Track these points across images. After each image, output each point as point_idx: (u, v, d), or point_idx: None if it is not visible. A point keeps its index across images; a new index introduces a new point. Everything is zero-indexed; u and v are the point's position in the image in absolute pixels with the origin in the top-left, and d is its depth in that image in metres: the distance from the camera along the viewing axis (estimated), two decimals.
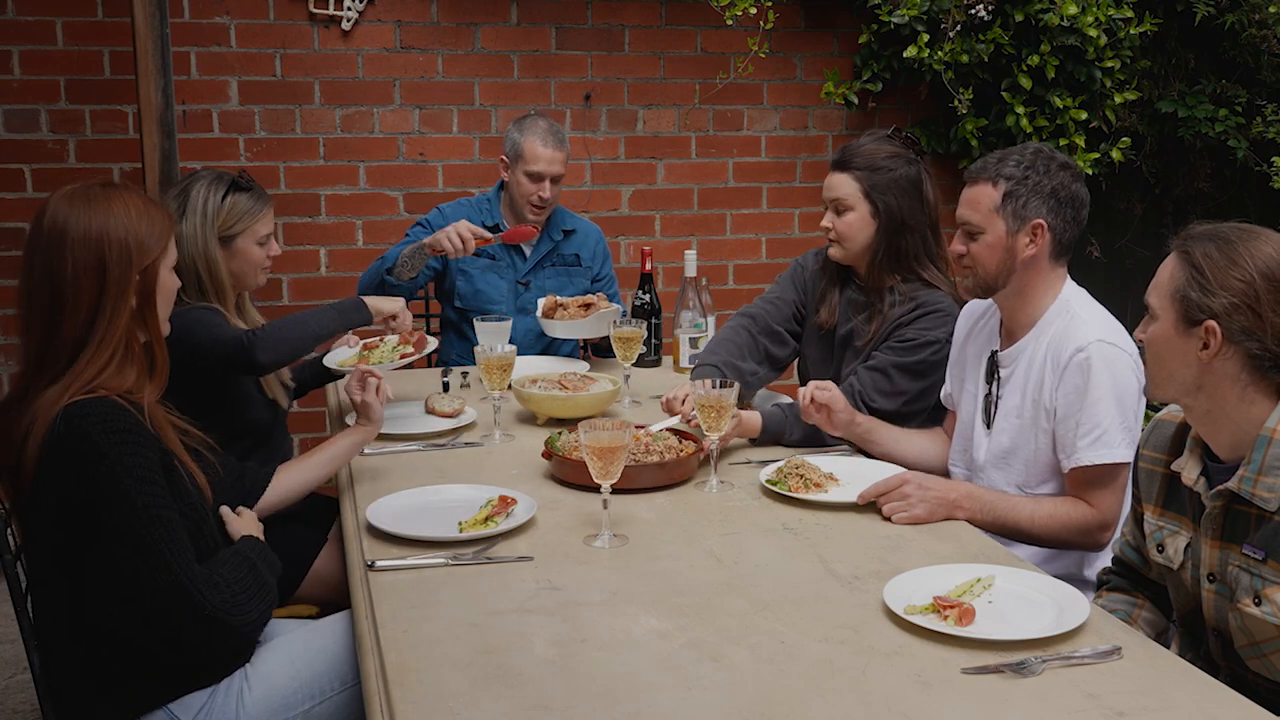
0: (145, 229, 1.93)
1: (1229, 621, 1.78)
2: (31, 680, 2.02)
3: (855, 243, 2.78)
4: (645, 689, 1.56)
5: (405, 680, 1.59)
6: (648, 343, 3.39)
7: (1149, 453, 1.98)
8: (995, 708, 1.52)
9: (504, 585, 1.90)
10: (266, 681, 2.01)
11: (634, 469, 2.32)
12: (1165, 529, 1.91)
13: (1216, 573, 1.79)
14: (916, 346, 2.70)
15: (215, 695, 1.96)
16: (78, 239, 1.88)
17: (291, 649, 2.08)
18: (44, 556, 1.90)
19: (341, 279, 4.55)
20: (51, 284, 1.88)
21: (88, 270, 1.87)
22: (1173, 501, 1.91)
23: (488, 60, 4.60)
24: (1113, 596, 2.08)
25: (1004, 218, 2.30)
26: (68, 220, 1.89)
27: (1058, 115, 4.62)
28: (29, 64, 4.22)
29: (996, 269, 2.33)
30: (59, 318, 1.88)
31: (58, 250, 1.88)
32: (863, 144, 2.80)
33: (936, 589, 1.82)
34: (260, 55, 4.39)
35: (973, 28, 4.48)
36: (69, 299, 1.87)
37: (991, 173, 2.32)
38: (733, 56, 4.72)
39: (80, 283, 1.87)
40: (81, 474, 1.80)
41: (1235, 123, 4.86)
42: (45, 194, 4.21)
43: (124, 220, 1.91)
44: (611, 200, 4.80)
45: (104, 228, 1.89)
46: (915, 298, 2.75)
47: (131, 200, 1.94)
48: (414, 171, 4.59)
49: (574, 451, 2.38)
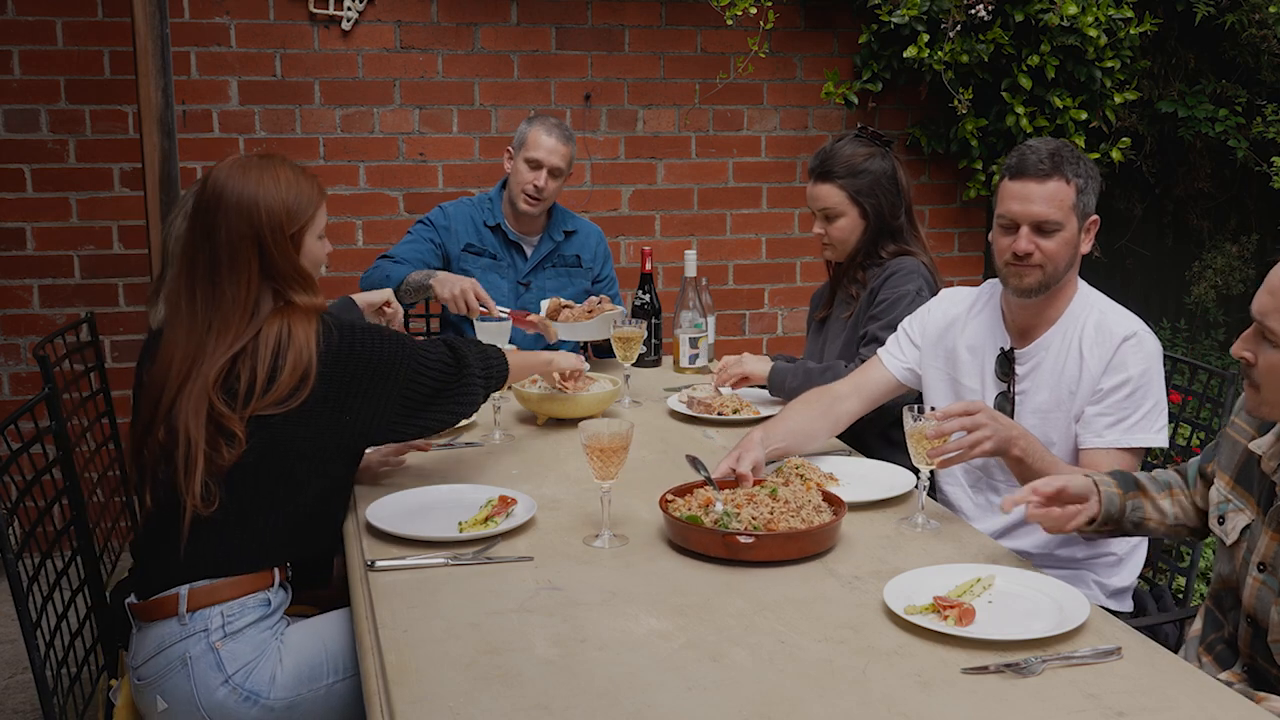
0: (294, 196, 2.13)
1: (1271, 615, 1.76)
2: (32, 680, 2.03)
3: (848, 245, 2.97)
4: (645, 689, 1.56)
5: (405, 680, 1.59)
6: (648, 343, 3.40)
7: (1239, 421, 1.93)
8: (995, 708, 1.52)
9: (504, 585, 1.91)
10: (297, 653, 2.12)
11: (773, 540, 1.98)
12: (1232, 503, 1.89)
13: (1269, 563, 1.78)
14: (892, 304, 2.84)
15: (259, 658, 2.08)
16: (231, 207, 2.08)
17: (320, 628, 2.19)
18: (315, 440, 2.11)
19: (341, 279, 4.55)
20: (211, 249, 2.08)
21: (243, 237, 2.07)
22: (1244, 478, 1.89)
23: (488, 60, 4.60)
24: (1162, 470, 2.09)
25: (1077, 215, 2.31)
26: (223, 190, 2.09)
27: (1058, 115, 4.63)
28: (29, 64, 4.22)
29: (1065, 265, 2.33)
30: (219, 281, 2.07)
31: (213, 219, 2.08)
32: (838, 150, 2.93)
33: (936, 589, 1.82)
34: (260, 55, 4.39)
35: (973, 28, 4.48)
36: (227, 265, 2.07)
37: (1064, 170, 2.28)
38: (733, 56, 4.72)
39: (235, 249, 2.07)
40: (361, 343, 2.11)
41: (1235, 123, 4.87)
42: (45, 194, 4.28)
43: (276, 188, 2.11)
44: (611, 200, 4.80)
45: (256, 196, 2.09)
46: (883, 263, 2.94)
47: (281, 170, 2.15)
48: (414, 171, 4.59)
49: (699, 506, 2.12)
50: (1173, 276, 5.43)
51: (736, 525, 2.02)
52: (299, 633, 2.16)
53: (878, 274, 2.93)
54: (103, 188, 4.30)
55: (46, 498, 2.31)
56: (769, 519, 2.04)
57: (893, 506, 2.28)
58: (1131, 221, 5.23)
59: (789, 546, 1.99)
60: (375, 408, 2.14)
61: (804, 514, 2.07)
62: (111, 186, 4.32)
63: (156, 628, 2.09)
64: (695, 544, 2.01)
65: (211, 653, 2.05)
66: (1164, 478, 2.09)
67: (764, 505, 2.09)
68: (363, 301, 2.91)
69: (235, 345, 2.04)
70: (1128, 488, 2.02)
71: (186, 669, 2.05)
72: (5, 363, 4.34)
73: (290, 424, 2.05)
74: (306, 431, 2.08)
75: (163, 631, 2.08)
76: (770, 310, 5.05)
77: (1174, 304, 5.45)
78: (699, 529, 2.01)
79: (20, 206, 4.26)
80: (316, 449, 2.11)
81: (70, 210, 4.31)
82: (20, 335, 4.32)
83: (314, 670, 2.11)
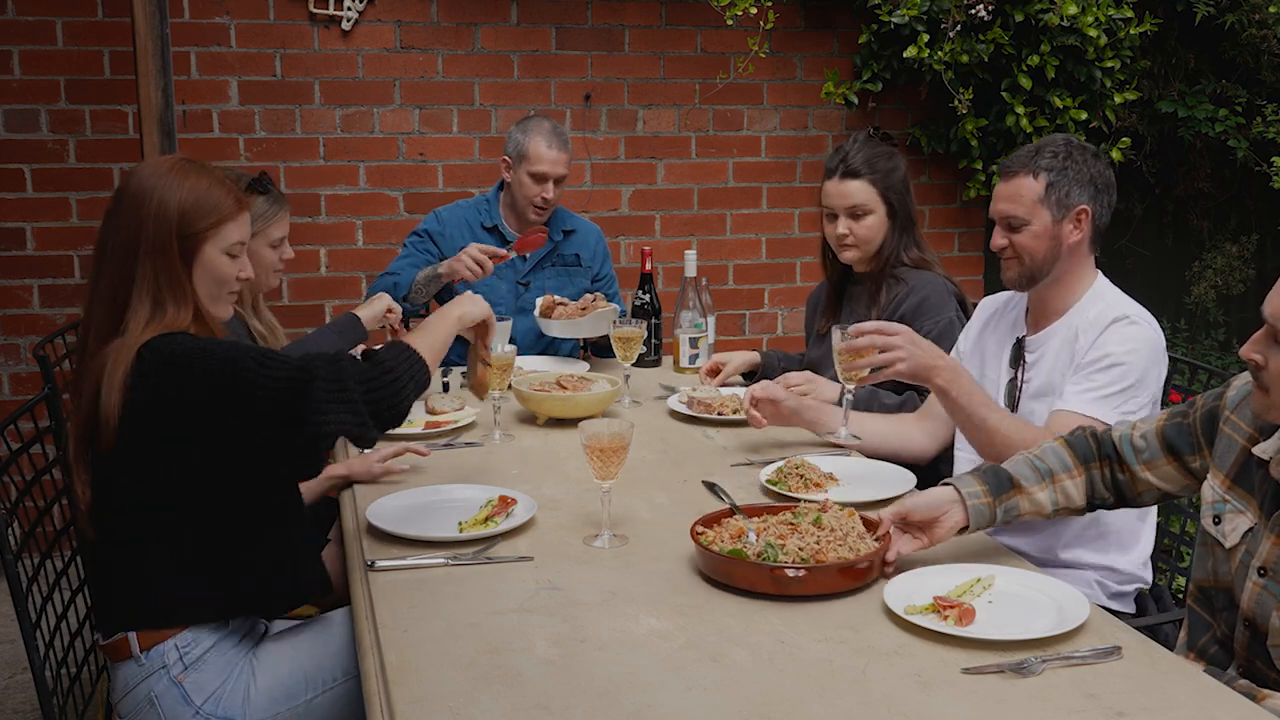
0: (194, 202, 1.99)
1: (1271, 619, 1.75)
2: (32, 680, 2.03)
3: (873, 244, 2.93)
4: (645, 689, 1.56)
5: (405, 680, 1.59)
6: (648, 343, 3.39)
7: (1235, 418, 1.90)
8: (995, 708, 1.52)
9: (504, 585, 1.90)
10: (271, 672, 2.04)
11: (824, 572, 1.84)
12: (1230, 504, 1.86)
13: (1270, 568, 1.76)
14: (939, 337, 2.70)
15: (226, 682, 1.99)
16: (129, 197, 1.98)
17: (294, 641, 2.12)
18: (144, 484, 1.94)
19: (341, 279, 4.55)
20: (102, 238, 1.99)
21: (128, 226, 1.96)
22: (1244, 479, 1.85)
23: (488, 60, 4.60)
24: (1054, 448, 2.07)
25: (1048, 208, 2.36)
26: (128, 182, 2.00)
27: (1058, 115, 4.63)
28: (29, 64, 4.22)
29: (1044, 257, 2.38)
30: (101, 269, 1.98)
31: (114, 208, 2.00)
32: (859, 149, 2.92)
33: (936, 589, 1.82)
34: (260, 55, 4.39)
35: (973, 28, 4.48)
36: (109, 251, 1.97)
37: (1030, 166, 2.37)
38: (733, 56, 4.72)
39: (120, 236, 1.97)
40: (181, 378, 1.87)
41: (1235, 123, 4.87)
42: (45, 194, 4.28)
43: (178, 189, 1.98)
44: (611, 200, 4.80)
45: (153, 190, 1.97)
46: (905, 280, 2.88)
47: (199, 175, 2.02)
48: (414, 171, 4.59)
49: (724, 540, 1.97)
50: (1173, 276, 5.43)
51: (783, 558, 1.86)
52: (273, 650, 2.09)
53: (899, 293, 2.86)
54: (103, 188, 4.30)
55: (46, 498, 2.32)
56: (816, 549, 1.89)
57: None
58: (1131, 221, 5.23)
59: (841, 578, 1.84)
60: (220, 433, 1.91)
61: (850, 542, 1.91)
62: (111, 186, 4.31)
63: (120, 667, 2.02)
64: (740, 580, 1.85)
65: (175, 687, 1.98)
66: (1058, 459, 2.05)
67: (809, 535, 1.93)
68: (367, 315, 2.91)
69: (94, 354, 1.94)
70: (999, 490, 1.99)
71: (155, 707, 1.99)
72: (5, 363, 4.34)
73: (132, 464, 1.92)
74: (155, 471, 1.92)
75: (126, 673, 2.01)
76: (770, 310, 5.05)
77: (1174, 304, 5.45)
78: (744, 563, 1.85)
79: (20, 206, 4.26)
80: (186, 488, 1.95)
81: (70, 210, 4.31)
82: (20, 335, 4.32)
83: (291, 688, 2.05)
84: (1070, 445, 2.07)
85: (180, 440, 1.90)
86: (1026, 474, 2.02)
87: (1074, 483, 2.04)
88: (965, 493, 1.98)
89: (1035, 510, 2.02)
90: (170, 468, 1.92)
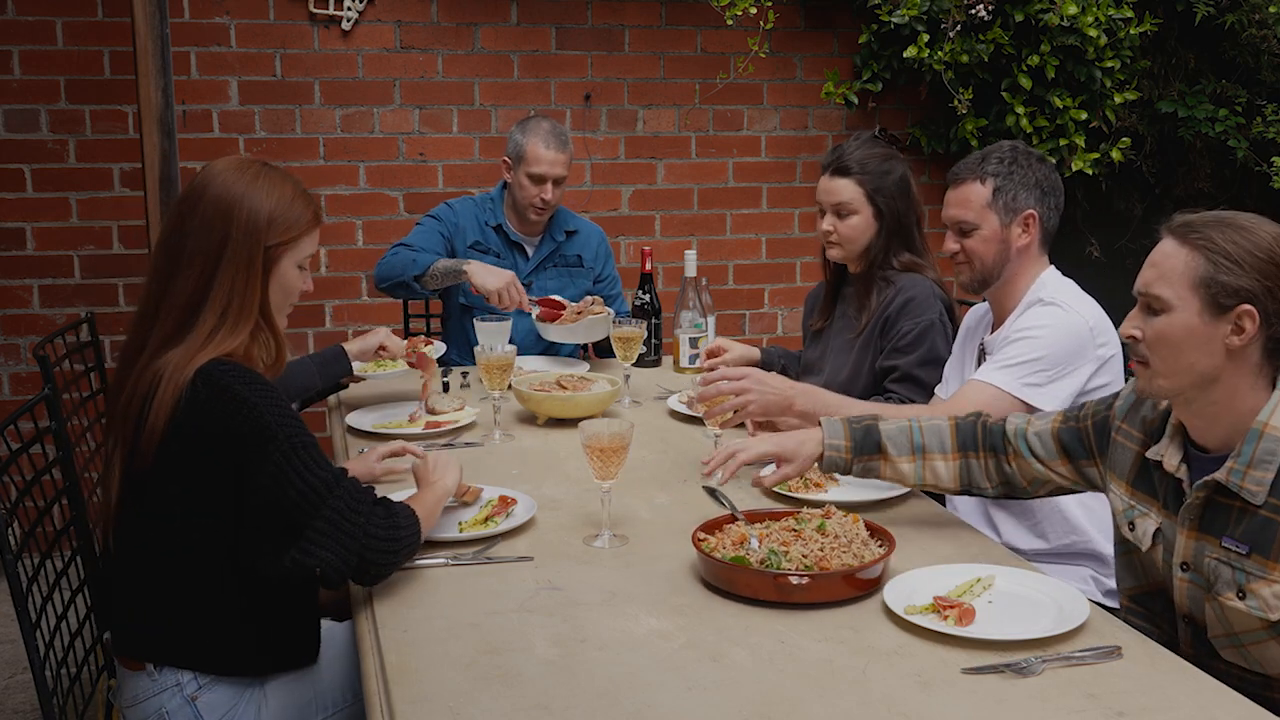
0: (283, 211, 1.94)
1: (1205, 612, 1.78)
2: (32, 680, 2.03)
3: (857, 244, 2.88)
4: (645, 689, 1.56)
5: (405, 680, 1.59)
6: (648, 343, 3.40)
7: (1126, 427, 1.95)
8: (995, 708, 1.52)
9: (504, 585, 1.91)
10: (283, 693, 2.00)
11: (828, 579, 1.83)
12: (1136, 509, 1.91)
13: (1191, 562, 1.79)
14: (919, 336, 2.76)
15: (238, 704, 1.96)
16: (211, 202, 1.90)
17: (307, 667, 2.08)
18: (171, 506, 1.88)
19: (342, 279, 4.55)
20: (179, 238, 1.91)
21: (215, 232, 1.89)
22: (1143, 483, 1.90)
23: (488, 60, 4.60)
24: (940, 427, 2.14)
25: (996, 212, 2.44)
26: (210, 183, 1.92)
27: (1058, 115, 4.63)
28: (29, 64, 4.22)
29: (994, 261, 2.46)
30: (178, 271, 1.89)
31: (192, 208, 1.91)
32: (856, 148, 2.89)
33: (936, 589, 1.83)
34: (260, 55, 4.39)
35: (973, 28, 4.48)
36: (190, 256, 1.89)
37: (978, 171, 2.45)
38: (733, 56, 4.72)
39: (202, 241, 1.89)
40: (230, 424, 1.81)
41: (1235, 123, 4.86)
42: (45, 194, 4.28)
43: (266, 198, 1.92)
44: (611, 200, 4.80)
45: (241, 197, 1.91)
46: (893, 282, 2.85)
47: (283, 184, 1.96)
48: (414, 171, 4.59)
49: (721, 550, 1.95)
50: None
51: (787, 565, 1.85)
52: (284, 674, 2.03)
53: (888, 295, 2.83)
54: (103, 188, 4.30)
55: (46, 498, 2.31)
56: (820, 556, 1.88)
57: (892, 507, 2.28)
58: (1131, 221, 5.23)
59: (846, 586, 1.83)
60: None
61: (854, 548, 1.90)
62: (111, 186, 4.32)
63: (132, 677, 1.99)
64: (743, 588, 1.83)
65: (188, 705, 1.95)
66: (938, 439, 2.14)
67: (813, 541, 1.92)
68: (355, 350, 2.87)
69: (153, 356, 1.89)
70: (863, 450, 2.14)
71: None
72: (5, 363, 4.34)
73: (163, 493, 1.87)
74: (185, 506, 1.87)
75: (137, 684, 1.98)
76: (770, 310, 5.05)
77: None
78: (747, 571, 1.83)
79: (20, 206, 4.26)
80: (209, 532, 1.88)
81: (70, 210, 4.31)
82: (20, 335, 4.32)
83: (302, 709, 2.02)
84: (957, 429, 2.16)
85: (209, 487, 1.86)
86: (900, 443, 2.14)
87: (946, 465, 2.14)
88: (828, 442, 2.14)
89: (897, 479, 2.16)
90: (196, 510, 1.87)
